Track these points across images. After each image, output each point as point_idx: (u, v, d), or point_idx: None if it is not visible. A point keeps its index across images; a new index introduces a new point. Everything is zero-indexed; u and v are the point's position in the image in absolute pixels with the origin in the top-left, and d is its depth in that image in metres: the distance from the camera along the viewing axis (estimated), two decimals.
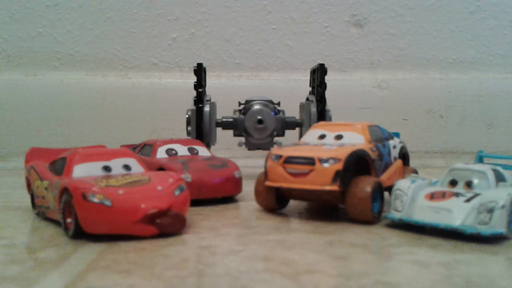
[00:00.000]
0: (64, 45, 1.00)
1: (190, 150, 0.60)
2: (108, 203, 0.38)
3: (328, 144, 0.48)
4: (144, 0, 1.00)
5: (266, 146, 0.75)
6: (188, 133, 0.73)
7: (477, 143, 0.98)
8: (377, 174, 0.47)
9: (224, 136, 0.81)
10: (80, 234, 0.39)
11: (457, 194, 0.41)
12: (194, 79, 0.72)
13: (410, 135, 0.97)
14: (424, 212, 0.41)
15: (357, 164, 0.45)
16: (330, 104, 0.74)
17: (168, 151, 0.58)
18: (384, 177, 0.48)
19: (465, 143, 0.99)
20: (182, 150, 0.59)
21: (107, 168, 0.44)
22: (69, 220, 0.40)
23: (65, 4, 0.99)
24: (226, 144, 0.90)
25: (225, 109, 0.78)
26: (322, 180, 0.43)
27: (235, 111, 0.77)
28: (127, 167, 0.45)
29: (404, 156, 0.56)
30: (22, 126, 0.97)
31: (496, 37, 1.02)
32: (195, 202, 0.52)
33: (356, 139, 0.48)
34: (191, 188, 0.52)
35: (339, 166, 0.43)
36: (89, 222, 0.38)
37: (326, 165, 0.43)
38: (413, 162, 0.98)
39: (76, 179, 0.41)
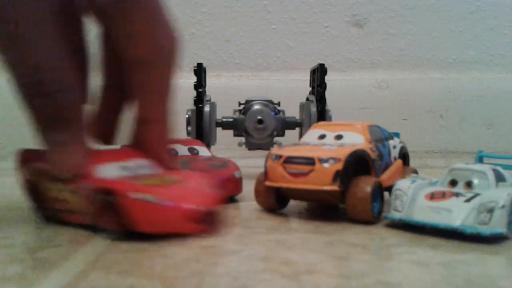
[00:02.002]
0: None
1: (190, 150, 0.60)
2: (156, 200, 0.37)
3: (328, 144, 0.48)
4: None
5: (266, 146, 0.75)
6: (188, 133, 0.73)
7: (477, 143, 0.98)
8: (377, 174, 0.47)
9: (224, 136, 0.81)
10: (121, 234, 0.38)
11: (457, 194, 0.41)
12: (194, 79, 0.72)
13: (410, 135, 0.97)
14: (424, 212, 0.41)
15: (357, 164, 0.45)
16: (330, 104, 0.74)
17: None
18: (384, 177, 0.48)
19: (465, 143, 0.99)
20: (182, 150, 0.59)
21: (126, 168, 0.43)
22: (107, 221, 0.39)
23: None
24: (226, 144, 0.90)
25: (225, 109, 0.78)
26: (322, 180, 0.43)
27: (235, 111, 0.77)
28: (142, 167, 0.44)
29: (404, 156, 0.56)
30: (22, 126, 0.97)
31: (496, 37, 1.02)
32: None
33: (356, 139, 0.48)
34: None
35: (339, 166, 0.43)
36: (137, 220, 0.37)
37: (326, 165, 0.43)
38: (413, 162, 0.98)
39: (115, 179, 0.40)
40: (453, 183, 0.44)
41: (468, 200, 0.40)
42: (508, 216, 0.38)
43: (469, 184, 0.42)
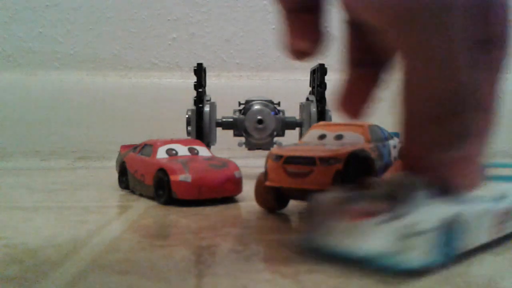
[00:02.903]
0: (64, 45, 1.00)
1: (191, 150, 0.60)
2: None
3: (329, 144, 0.48)
4: (144, 0, 1.00)
5: (266, 146, 0.75)
6: (188, 133, 0.73)
7: None
8: (377, 175, 0.47)
9: (224, 136, 0.81)
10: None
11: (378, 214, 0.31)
12: (194, 79, 0.72)
13: None
14: (338, 234, 0.32)
15: (358, 164, 0.45)
16: (330, 104, 0.74)
17: (169, 151, 0.58)
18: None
19: None
20: (182, 150, 0.59)
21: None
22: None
23: (65, 4, 0.99)
24: (226, 144, 0.90)
25: (225, 109, 0.78)
26: (322, 180, 0.43)
27: (235, 111, 0.77)
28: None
29: None
30: (22, 126, 0.97)
31: None
32: (195, 202, 0.52)
33: (356, 139, 0.48)
34: (191, 188, 0.52)
35: (340, 166, 0.43)
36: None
37: (326, 165, 0.43)
38: None
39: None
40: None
41: (385, 223, 0.30)
42: (438, 241, 0.30)
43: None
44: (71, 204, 0.55)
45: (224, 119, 0.75)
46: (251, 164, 0.84)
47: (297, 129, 0.77)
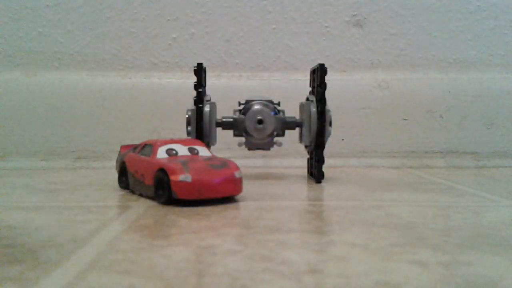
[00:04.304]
0: (64, 45, 1.00)
1: (191, 150, 0.60)
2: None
3: None
4: (144, 0, 1.00)
5: (266, 146, 0.75)
6: (188, 133, 0.73)
7: (477, 143, 0.98)
8: None
9: (224, 136, 0.81)
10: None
11: None
12: (194, 79, 0.72)
13: (410, 135, 0.97)
14: None
15: None
16: (330, 104, 0.74)
17: (169, 151, 0.58)
18: None
19: (465, 143, 0.99)
20: (182, 150, 0.59)
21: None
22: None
23: (65, 4, 0.99)
24: (226, 144, 0.90)
25: (225, 109, 0.78)
26: None
27: (235, 111, 0.77)
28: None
29: None
30: (22, 126, 0.97)
31: (496, 37, 1.02)
32: (195, 202, 0.52)
33: None
34: (191, 188, 0.52)
35: None
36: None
37: None
38: (413, 162, 0.98)
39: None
40: None
41: None
42: None
43: None
44: (71, 204, 0.55)
45: (224, 119, 0.75)
46: (251, 164, 0.84)
47: (297, 129, 0.77)
